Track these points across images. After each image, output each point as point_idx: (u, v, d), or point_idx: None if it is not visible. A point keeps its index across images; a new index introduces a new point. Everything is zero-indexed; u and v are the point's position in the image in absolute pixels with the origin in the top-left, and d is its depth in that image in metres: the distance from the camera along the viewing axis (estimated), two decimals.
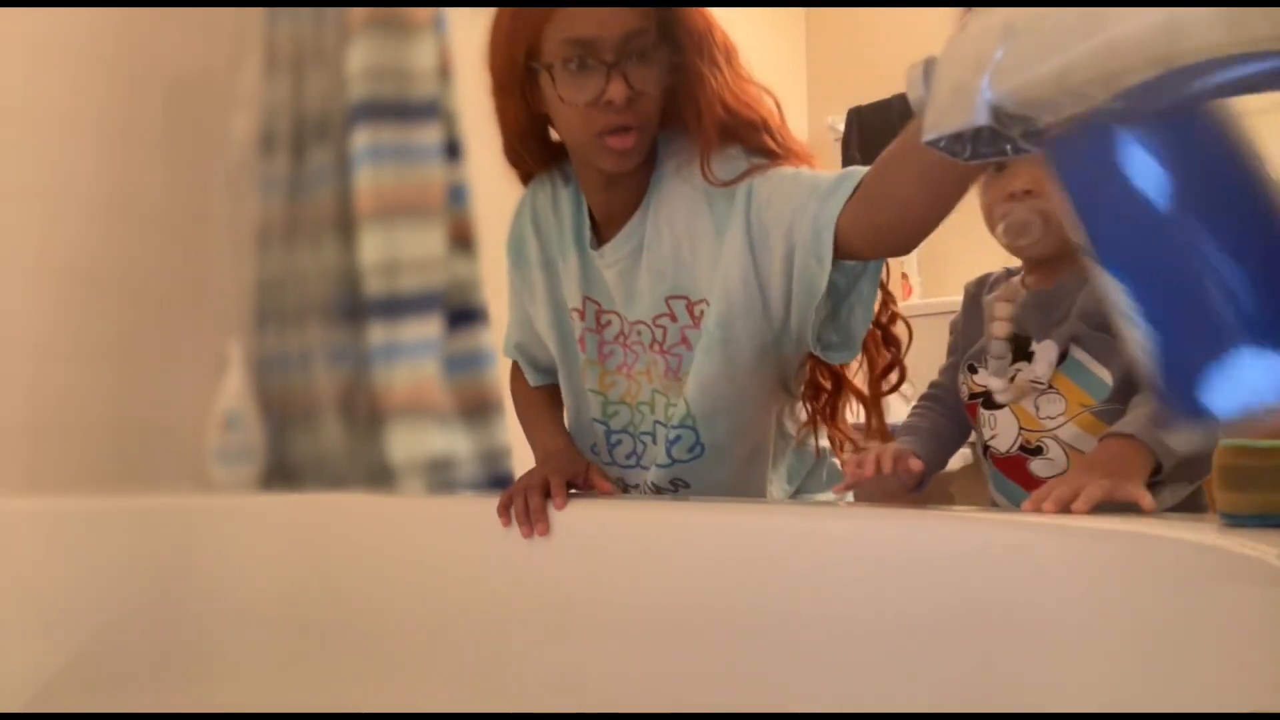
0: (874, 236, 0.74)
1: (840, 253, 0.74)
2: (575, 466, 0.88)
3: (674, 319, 0.84)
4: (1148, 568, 0.56)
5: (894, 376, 0.95)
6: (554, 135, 0.89)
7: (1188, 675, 0.52)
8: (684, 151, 0.85)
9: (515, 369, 1.14)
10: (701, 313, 0.84)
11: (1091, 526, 0.62)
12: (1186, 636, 0.53)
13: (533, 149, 0.88)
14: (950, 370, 1.04)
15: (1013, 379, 0.90)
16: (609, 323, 0.90)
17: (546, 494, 0.83)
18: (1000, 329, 0.91)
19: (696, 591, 0.77)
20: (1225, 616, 0.51)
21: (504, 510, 0.85)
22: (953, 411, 1.02)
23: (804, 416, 1.02)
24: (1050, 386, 0.88)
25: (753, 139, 0.82)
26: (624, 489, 1.00)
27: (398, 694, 0.96)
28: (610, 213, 0.89)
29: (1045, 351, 0.88)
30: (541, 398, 1.06)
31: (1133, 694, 0.55)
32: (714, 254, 0.82)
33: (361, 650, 1.03)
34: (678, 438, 0.89)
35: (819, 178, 0.77)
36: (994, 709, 0.60)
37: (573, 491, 0.86)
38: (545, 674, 0.85)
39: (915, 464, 0.87)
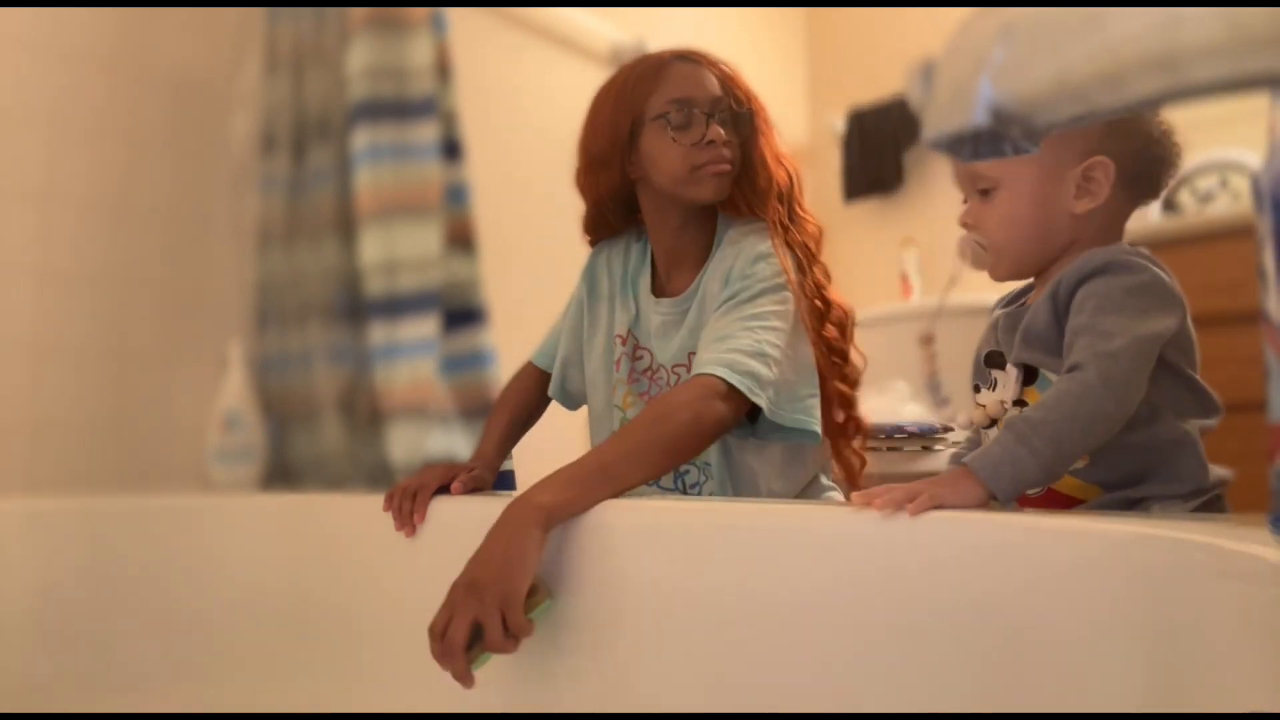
0: None
1: None
2: (454, 471, 1.01)
3: (689, 370, 0.99)
4: (1148, 568, 0.56)
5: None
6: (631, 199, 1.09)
7: (1188, 675, 0.52)
8: (737, 234, 1.03)
9: (518, 376, 1.16)
10: None
11: (1092, 527, 0.62)
12: (1186, 636, 0.53)
13: (619, 213, 1.07)
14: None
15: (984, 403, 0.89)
16: (642, 356, 1.06)
17: (445, 490, 0.98)
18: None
19: (702, 590, 0.77)
20: (1225, 616, 0.51)
21: (386, 504, 1.00)
22: None
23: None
24: (1023, 404, 0.86)
25: (770, 201, 1.00)
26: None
27: (398, 693, 0.96)
28: (672, 263, 1.06)
29: (1008, 374, 0.87)
30: (513, 403, 1.14)
31: (1133, 694, 0.55)
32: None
33: (361, 650, 1.03)
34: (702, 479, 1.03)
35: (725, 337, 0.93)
36: (994, 709, 0.60)
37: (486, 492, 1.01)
38: (545, 674, 0.86)
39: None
